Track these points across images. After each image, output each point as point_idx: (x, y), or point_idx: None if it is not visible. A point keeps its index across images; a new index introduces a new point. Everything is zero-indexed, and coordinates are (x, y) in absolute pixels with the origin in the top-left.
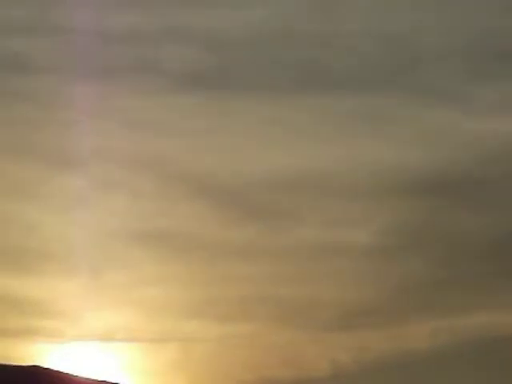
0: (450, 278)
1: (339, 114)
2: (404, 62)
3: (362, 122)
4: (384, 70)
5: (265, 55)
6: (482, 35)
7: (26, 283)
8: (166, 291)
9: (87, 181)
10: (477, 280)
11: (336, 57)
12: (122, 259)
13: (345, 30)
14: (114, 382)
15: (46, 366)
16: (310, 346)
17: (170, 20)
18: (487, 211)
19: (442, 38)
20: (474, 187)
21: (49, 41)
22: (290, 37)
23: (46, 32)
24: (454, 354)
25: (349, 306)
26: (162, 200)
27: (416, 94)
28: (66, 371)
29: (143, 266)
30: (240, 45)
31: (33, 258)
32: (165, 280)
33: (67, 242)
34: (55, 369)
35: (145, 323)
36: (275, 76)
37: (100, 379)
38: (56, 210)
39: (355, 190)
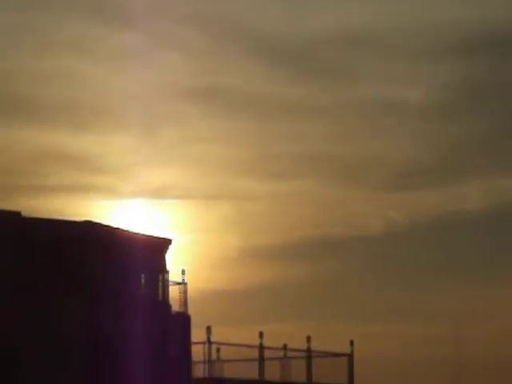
0: (507, 136)
1: None
2: None
3: None
4: None
5: None
6: None
7: (79, 139)
8: (218, 148)
9: (142, 38)
10: None
11: None
12: (176, 116)
13: None
14: (166, 237)
15: (98, 221)
16: (364, 205)
17: None
18: None
19: None
20: None
21: None
22: None
23: None
24: (510, 214)
25: (403, 164)
26: (216, 57)
27: None
28: (118, 227)
29: (197, 122)
30: None
31: (87, 114)
32: (218, 137)
33: (121, 97)
34: (108, 224)
35: (197, 180)
36: None
37: (155, 236)
38: (111, 67)
39: (413, 48)
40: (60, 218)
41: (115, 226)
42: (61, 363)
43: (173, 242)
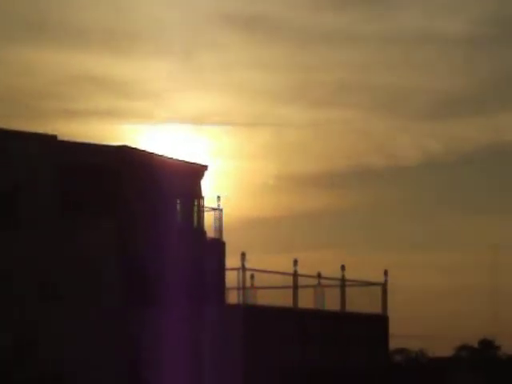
0: None
1: None
2: None
3: None
4: None
5: None
6: None
7: (116, 64)
8: (259, 75)
9: None
10: None
11: None
12: (215, 42)
13: None
14: (202, 163)
15: (134, 146)
16: (403, 135)
17: None
18: None
19: None
20: None
21: None
22: None
23: None
24: None
25: (442, 95)
26: None
27: None
28: (154, 152)
29: (237, 49)
30: None
31: (123, 39)
32: (259, 64)
33: (159, 23)
34: (144, 149)
35: (238, 107)
36: None
37: (191, 162)
38: None
39: None
40: (96, 142)
41: (151, 151)
42: (94, 285)
43: (210, 168)
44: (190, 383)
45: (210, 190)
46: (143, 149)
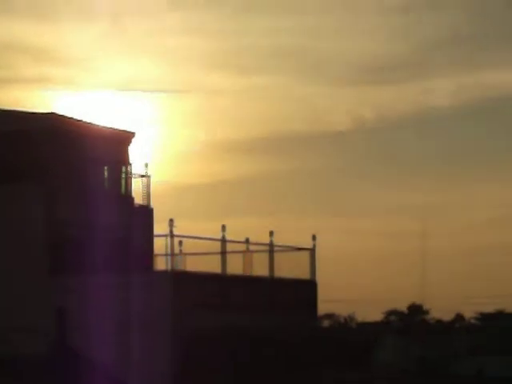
0: (475, 35)
1: None
2: None
3: None
4: None
5: None
6: None
7: (40, 29)
8: (191, 41)
9: None
10: (505, 36)
11: None
12: (143, 6)
13: None
14: (129, 130)
15: (61, 113)
16: (332, 100)
17: None
18: None
19: None
20: None
21: None
22: None
23: None
24: (478, 110)
25: (372, 60)
26: None
27: None
28: (81, 119)
29: (167, 14)
30: None
31: (48, 5)
32: (188, 30)
33: None
34: (71, 116)
35: (166, 73)
36: None
37: (119, 129)
38: None
39: None
40: (23, 109)
41: (78, 118)
42: (20, 251)
43: (138, 135)
44: (117, 348)
45: (138, 156)
46: (71, 116)
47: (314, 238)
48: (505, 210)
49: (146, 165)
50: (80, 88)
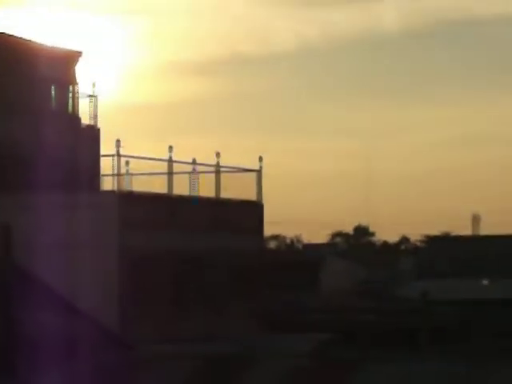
0: None
1: None
2: None
3: None
4: None
5: None
6: None
7: None
8: None
9: None
10: None
11: None
12: None
13: None
14: (76, 50)
15: (8, 32)
16: (278, 21)
17: None
18: None
19: None
20: None
21: None
22: None
23: None
24: (425, 34)
25: None
26: None
27: None
28: (26, 37)
29: None
30: None
31: None
32: None
33: None
34: (15, 35)
35: None
36: None
37: (66, 48)
38: None
39: None
40: None
41: (25, 37)
42: None
43: (85, 55)
44: (64, 268)
45: (86, 76)
46: (17, 35)
47: (260, 159)
48: (452, 132)
49: (94, 84)
50: (28, 6)
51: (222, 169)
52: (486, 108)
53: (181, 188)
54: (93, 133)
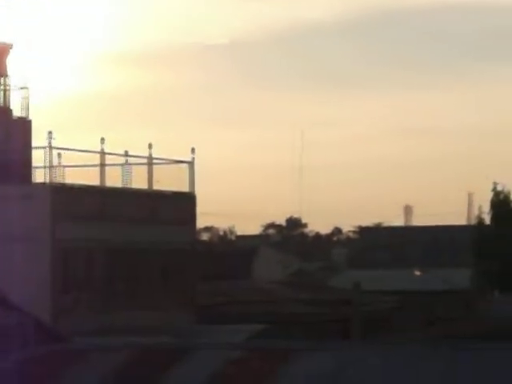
0: None
1: None
2: None
3: None
4: None
5: None
6: None
7: None
8: None
9: None
10: None
11: None
12: None
13: None
14: (10, 42)
15: None
16: (212, 12)
17: None
18: None
19: None
20: None
21: None
22: None
23: None
24: (357, 24)
25: None
26: None
27: None
28: None
29: None
30: None
31: None
32: None
33: None
34: None
35: None
36: None
37: None
38: None
39: None
40: None
41: None
42: None
43: (15, 47)
44: None
45: (16, 68)
46: None
47: (193, 150)
48: (386, 124)
49: (25, 77)
50: None
51: (154, 160)
52: (420, 100)
53: (113, 180)
54: (24, 125)
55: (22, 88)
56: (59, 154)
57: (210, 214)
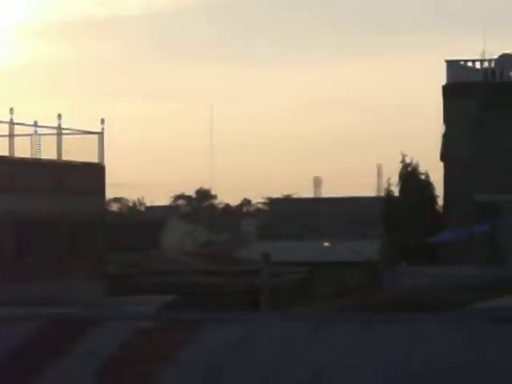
0: None
1: None
2: None
3: None
4: None
5: None
6: None
7: None
8: None
9: None
10: None
11: None
12: None
13: None
14: None
15: None
16: None
17: None
18: None
19: None
20: None
21: None
22: None
23: None
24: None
25: None
26: None
27: None
28: None
29: None
30: None
31: None
32: None
33: None
34: None
35: None
36: None
37: None
38: None
39: None
40: None
41: None
42: None
43: None
44: None
45: None
46: None
47: (102, 121)
48: (297, 97)
49: None
50: None
51: (64, 131)
52: (327, 73)
53: (22, 151)
54: None
55: None
56: None
57: (120, 185)
